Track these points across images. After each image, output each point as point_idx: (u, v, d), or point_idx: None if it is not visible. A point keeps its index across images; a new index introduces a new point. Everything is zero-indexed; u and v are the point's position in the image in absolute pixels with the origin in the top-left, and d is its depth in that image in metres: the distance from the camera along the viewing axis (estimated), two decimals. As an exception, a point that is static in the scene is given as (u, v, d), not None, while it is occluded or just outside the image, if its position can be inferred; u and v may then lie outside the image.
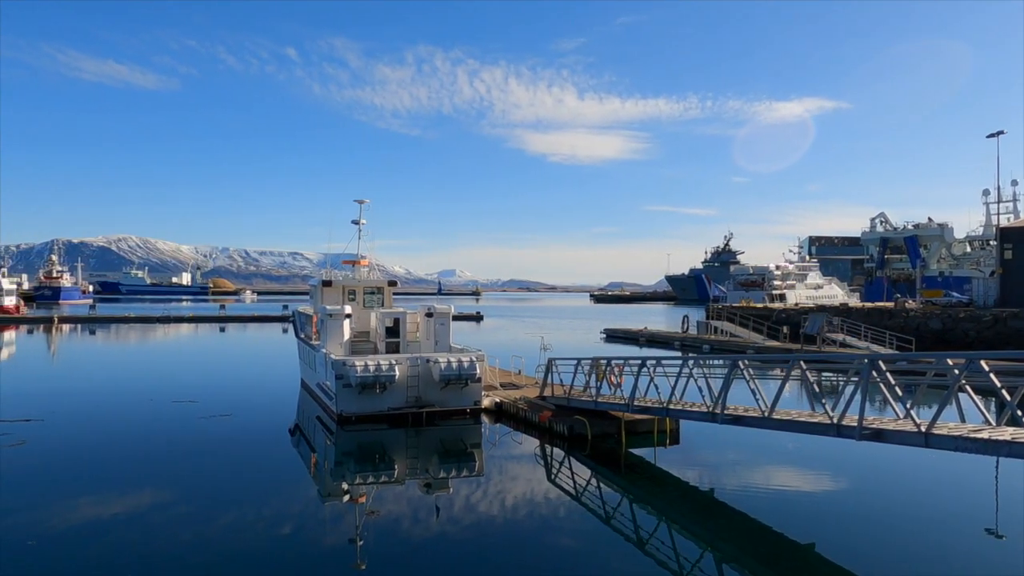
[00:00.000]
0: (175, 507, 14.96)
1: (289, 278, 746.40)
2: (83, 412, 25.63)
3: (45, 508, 14.58)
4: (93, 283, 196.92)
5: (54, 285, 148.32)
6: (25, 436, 20.83)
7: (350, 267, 31.59)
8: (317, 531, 13.67)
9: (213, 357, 49.41)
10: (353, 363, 22.43)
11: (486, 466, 18.94)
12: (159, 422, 23.80)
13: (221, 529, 13.52)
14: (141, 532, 13.20)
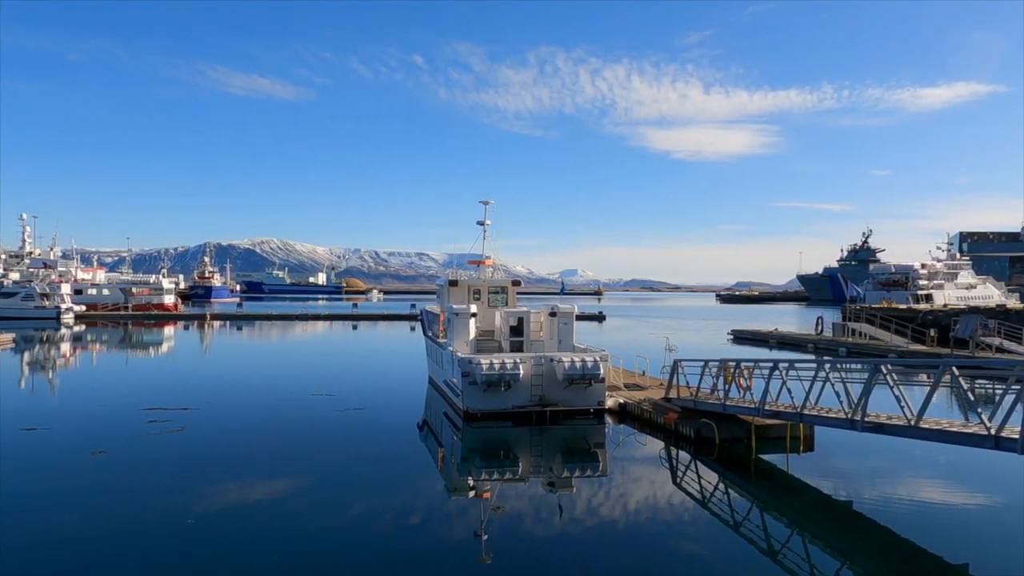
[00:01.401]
0: (312, 494, 15.85)
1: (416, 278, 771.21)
2: (233, 402, 27.64)
3: (200, 490, 15.84)
4: (240, 283, 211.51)
5: (206, 285, 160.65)
6: (184, 423, 22.71)
7: (475, 267, 32.26)
8: (443, 524, 14.07)
9: (347, 353, 51.88)
10: (479, 361, 22.90)
11: (610, 467, 18.83)
12: (299, 414, 25.26)
13: (354, 518, 14.18)
14: (282, 517, 14.07)
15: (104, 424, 22.89)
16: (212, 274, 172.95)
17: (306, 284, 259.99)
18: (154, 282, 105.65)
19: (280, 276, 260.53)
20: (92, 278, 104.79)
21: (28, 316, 77.39)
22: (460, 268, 33.75)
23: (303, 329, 74.17)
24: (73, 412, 25.83)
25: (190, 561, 11.79)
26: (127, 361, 46.49)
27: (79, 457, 18.44)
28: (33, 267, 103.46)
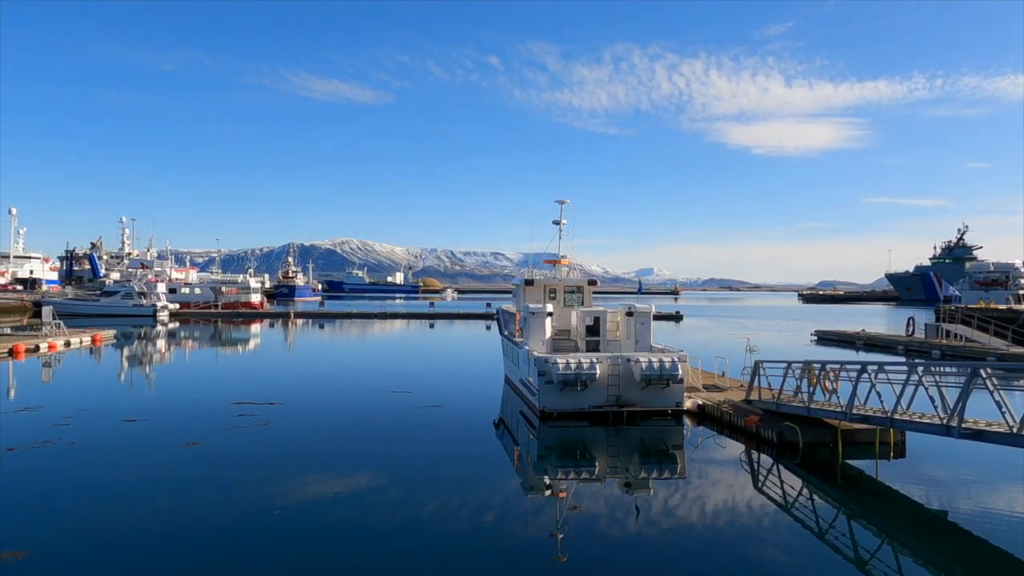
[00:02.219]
0: (390, 490, 16.18)
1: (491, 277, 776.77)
2: (316, 398, 28.51)
3: (286, 482, 16.41)
4: (321, 282, 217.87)
5: (290, 284, 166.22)
6: (270, 417, 23.58)
7: (551, 266, 32.28)
8: (519, 522, 14.13)
9: (424, 351, 52.73)
10: (555, 360, 22.90)
11: (688, 469, 18.52)
12: (379, 410, 25.86)
13: (430, 514, 14.40)
14: (361, 512, 14.43)
15: (197, 417, 23.99)
16: (296, 274, 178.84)
17: (384, 283, 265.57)
18: (242, 281, 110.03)
19: (359, 276, 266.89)
20: (185, 278, 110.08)
21: (127, 313, 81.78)
22: (536, 267, 33.82)
23: (382, 327, 75.81)
24: (168, 405, 27.18)
25: (278, 551, 12.24)
26: (217, 357, 48.57)
27: (174, 448, 19.40)
28: (132, 267, 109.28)
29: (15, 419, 23.20)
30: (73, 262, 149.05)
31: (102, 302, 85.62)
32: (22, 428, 21.53)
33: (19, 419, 23.14)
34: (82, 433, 20.98)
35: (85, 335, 49.53)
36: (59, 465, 17.60)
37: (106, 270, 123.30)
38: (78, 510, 14.19)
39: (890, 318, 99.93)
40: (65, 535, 12.77)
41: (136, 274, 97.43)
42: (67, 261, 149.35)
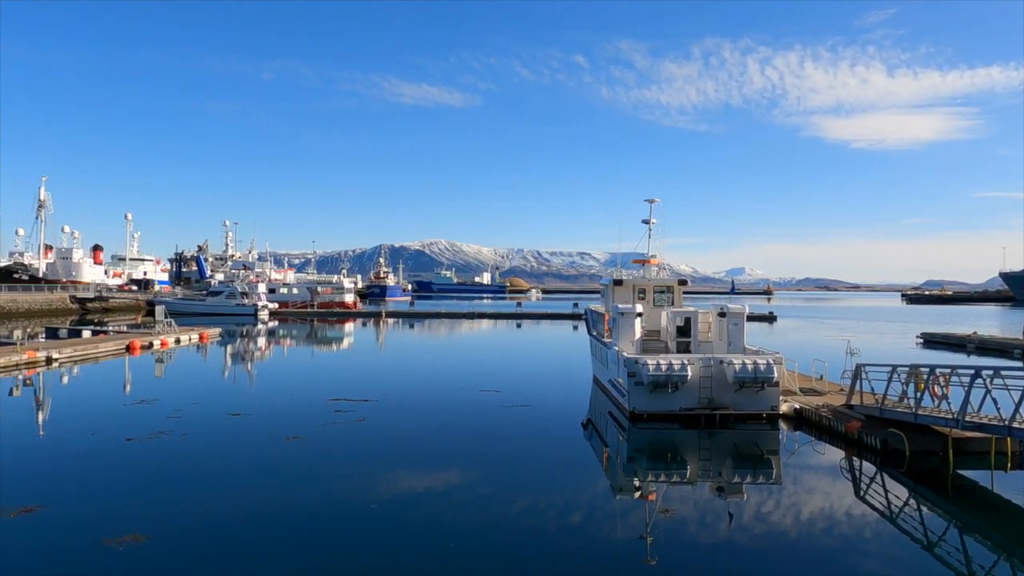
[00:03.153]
0: (479, 487, 16.39)
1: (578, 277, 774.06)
2: (408, 395, 29.18)
3: (380, 477, 16.89)
4: (411, 282, 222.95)
5: (381, 284, 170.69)
6: (365, 414, 24.29)
7: (640, 266, 31.91)
8: (607, 524, 14.04)
9: (512, 351, 53.10)
10: (645, 361, 22.63)
11: (784, 475, 17.94)
12: (468, 408, 26.22)
13: (518, 512, 14.50)
14: (451, 507, 14.69)
15: (296, 412, 24.97)
16: (387, 274, 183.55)
17: (472, 283, 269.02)
18: (336, 282, 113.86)
19: (448, 276, 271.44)
20: (283, 278, 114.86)
21: (231, 312, 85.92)
22: (624, 267, 33.50)
23: (469, 327, 76.79)
24: (269, 400, 28.41)
25: (375, 544, 12.62)
26: (312, 354, 50.40)
27: (276, 441, 20.27)
28: (235, 268, 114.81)
29: (133, 411, 24.79)
30: (182, 264, 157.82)
31: (208, 302, 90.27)
32: (139, 420, 22.98)
33: (136, 411, 24.70)
34: (192, 425, 22.21)
35: (193, 333, 52.35)
36: (172, 455, 18.69)
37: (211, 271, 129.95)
38: (190, 498, 15.04)
39: (1005, 320, 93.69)
40: (179, 521, 13.55)
41: (239, 275, 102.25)
42: (176, 263, 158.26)
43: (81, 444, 19.72)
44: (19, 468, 17.49)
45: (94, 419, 23.32)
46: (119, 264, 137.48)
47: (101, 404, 26.77)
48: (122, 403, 26.89)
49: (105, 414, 24.44)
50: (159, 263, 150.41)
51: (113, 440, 20.11)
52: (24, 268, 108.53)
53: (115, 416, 24.08)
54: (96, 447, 19.40)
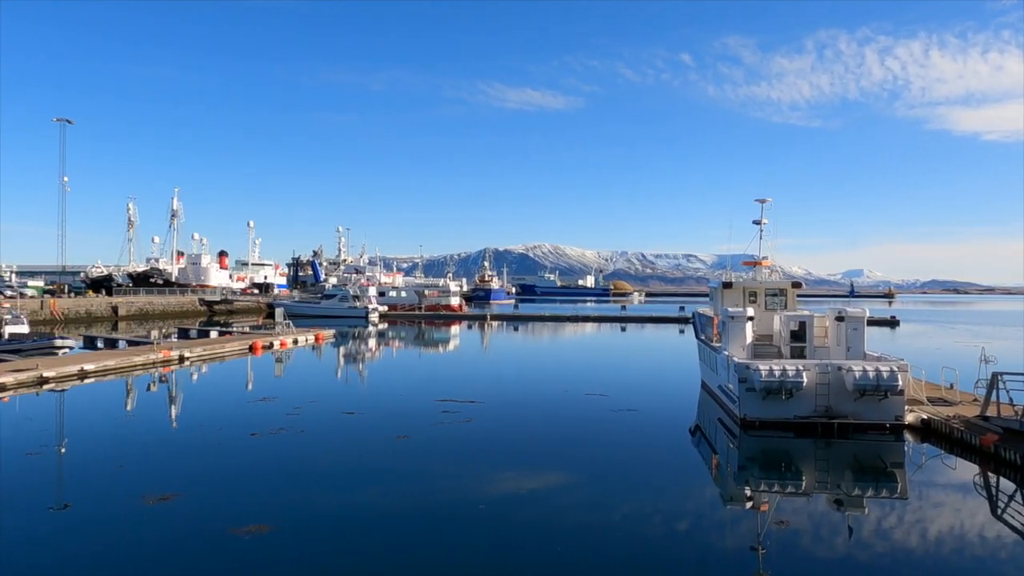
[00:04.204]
0: (582, 490, 16.33)
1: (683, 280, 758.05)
2: (513, 397, 29.45)
3: (487, 477, 17.14)
4: (515, 285, 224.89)
5: (486, 287, 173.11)
6: (472, 415, 24.69)
7: (750, 268, 30.92)
8: (717, 533, 13.69)
9: (617, 354, 52.62)
10: (757, 367, 21.89)
11: (909, 489, 16.89)
12: (574, 411, 26.17)
13: (622, 517, 14.35)
14: (557, 509, 14.72)
15: (405, 412, 25.69)
16: (491, 278, 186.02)
17: (575, 287, 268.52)
18: (442, 285, 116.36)
19: (551, 279, 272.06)
20: (392, 282, 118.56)
21: (344, 315, 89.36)
22: (733, 270, 32.57)
23: (573, 330, 76.65)
24: (380, 399, 29.38)
25: (482, 543, 12.83)
26: (420, 356, 51.71)
27: (387, 440, 20.93)
28: (347, 272, 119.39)
29: (255, 408, 26.23)
30: (298, 268, 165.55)
31: (323, 304, 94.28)
32: (261, 416, 24.29)
33: (258, 408, 26.13)
34: (310, 422, 23.26)
35: (309, 334, 54.83)
36: (292, 450, 19.65)
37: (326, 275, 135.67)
38: (308, 492, 15.76)
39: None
40: (298, 513, 14.24)
41: (351, 279, 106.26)
42: (293, 267, 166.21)
43: (210, 437, 21.05)
44: (157, 458, 18.88)
45: (221, 415, 24.84)
46: (242, 269, 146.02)
47: (227, 400, 28.49)
48: (246, 400, 28.53)
49: (231, 410, 25.98)
50: (278, 268, 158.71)
51: (239, 435, 21.36)
52: (159, 273, 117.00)
53: (240, 412, 25.56)
54: (223, 441, 20.66)
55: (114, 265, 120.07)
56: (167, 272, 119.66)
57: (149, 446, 20.45)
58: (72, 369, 32.02)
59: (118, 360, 35.40)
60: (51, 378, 30.26)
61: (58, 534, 13.14)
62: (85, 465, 18.33)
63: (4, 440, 20.55)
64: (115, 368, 34.44)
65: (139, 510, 14.25)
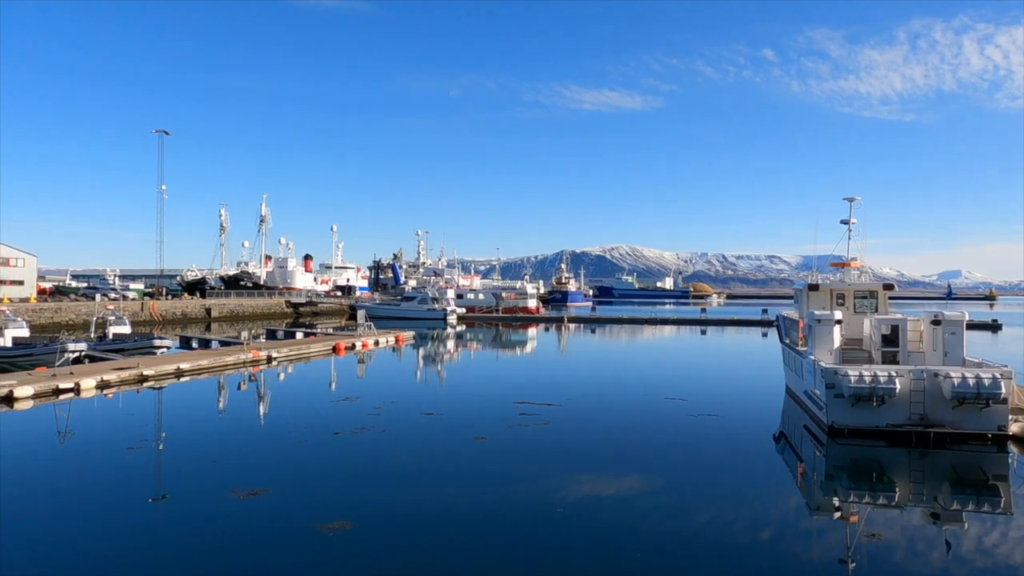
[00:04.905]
0: (663, 496, 16.08)
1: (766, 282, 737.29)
2: (590, 400, 29.29)
3: (565, 479, 17.08)
4: (592, 287, 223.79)
5: (563, 289, 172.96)
6: (549, 417, 24.69)
7: (837, 270, 29.79)
8: (802, 543, 13.23)
9: (697, 358, 51.64)
10: (846, 372, 21.06)
11: (1014, 504, 15.90)
12: (652, 415, 25.82)
13: (702, 524, 14.06)
14: (635, 514, 14.54)
15: (483, 413, 25.91)
16: (568, 280, 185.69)
17: (653, 289, 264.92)
18: (519, 287, 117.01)
19: (629, 281, 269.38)
20: (470, 284, 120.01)
21: (423, 317, 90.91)
22: (820, 271, 31.47)
23: (652, 332, 75.66)
24: (459, 400, 29.73)
25: (559, 546, 12.80)
26: (497, 357, 52.04)
27: (466, 441, 21.16)
28: (426, 275, 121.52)
29: (338, 407, 26.98)
30: (379, 271, 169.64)
31: (402, 306, 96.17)
32: (344, 415, 24.97)
33: (341, 407, 26.86)
34: (391, 422, 23.76)
35: (390, 335, 56.01)
36: (374, 449, 20.12)
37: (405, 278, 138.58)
38: (390, 490, 16.10)
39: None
40: (381, 511, 14.56)
41: (430, 281, 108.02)
42: (374, 270, 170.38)
43: (297, 435, 21.78)
44: (247, 454, 19.67)
45: (307, 413, 25.65)
46: (326, 272, 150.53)
47: (312, 400, 29.40)
48: (329, 399, 29.39)
49: (315, 409, 26.80)
50: (360, 270, 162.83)
51: (323, 433, 22.01)
52: (248, 276, 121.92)
53: (324, 411, 26.34)
54: (309, 439, 21.33)
55: (207, 268, 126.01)
56: (256, 275, 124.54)
57: (239, 442, 21.34)
58: (169, 368, 33.71)
59: (211, 360, 37.05)
60: (150, 376, 31.94)
61: (156, 524, 13.84)
62: (181, 459, 19.27)
63: (108, 434, 21.82)
64: (208, 367, 36.06)
65: (230, 504, 14.87)
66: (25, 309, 63.43)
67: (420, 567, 11.87)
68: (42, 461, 18.93)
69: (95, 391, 28.54)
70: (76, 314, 69.14)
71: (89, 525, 13.84)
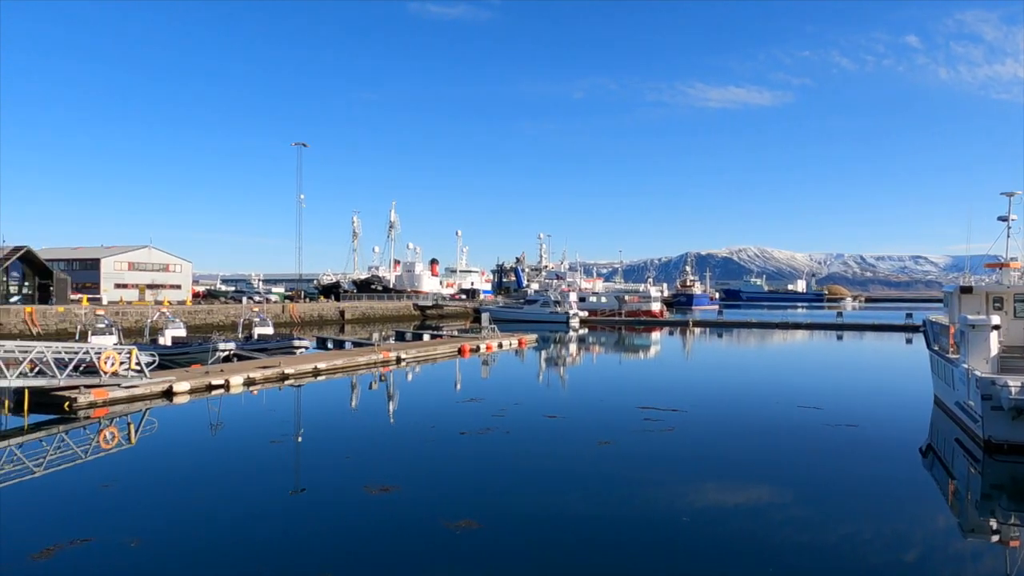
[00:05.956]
0: (794, 509, 15.35)
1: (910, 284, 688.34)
2: (718, 407, 28.42)
3: (690, 488, 16.70)
4: (718, 290, 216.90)
5: (688, 292, 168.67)
6: (674, 424, 24.17)
7: (993, 270, 27.39)
8: (952, 567, 12.38)
9: (833, 365, 48.96)
10: (1005, 383, 19.30)
11: None
12: (784, 424, 24.70)
13: (839, 540, 13.35)
14: (764, 526, 13.98)
15: (606, 417, 25.73)
16: (693, 282, 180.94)
17: (784, 291, 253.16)
18: (643, 290, 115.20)
19: (758, 283, 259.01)
20: (592, 287, 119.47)
21: (546, 320, 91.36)
22: (973, 273, 29.06)
23: (783, 337, 72.47)
24: (581, 404, 29.68)
25: (683, 556, 12.52)
26: (620, 361, 51.52)
27: (589, 445, 21.08)
28: (548, 278, 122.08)
29: (464, 408, 27.62)
30: (502, 275, 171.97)
31: (525, 310, 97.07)
32: (469, 416, 25.53)
33: (467, 408, 27.48)
34: (514, 424, 24.05)
35: (513, 338, 56.70)
36: (499, 450, 20.46)
37: (528, 281, 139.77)
38: (514, 491, 16.31)
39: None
40: (506, 512, 14.78)
41: (552, 284, 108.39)
42: (497, 274, 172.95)
43: (424, 434, 22.48)
44: (378, 451, 20.52)
45: (433, 413, 26.42)
46: (451, 275, 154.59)
47: (438, 400, 30.26)
48: (455, 400, 30.13)
49: (442, 409, 27.56)
50: (483, 274, 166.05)
51: (449, 433, 22.59)
52: (379, 280, 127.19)
53: (450, 411, 27.03)
54: (436, 438, 21.96)
55: (341, 273, 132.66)
56: (385, 279, 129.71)
57: (371, 439, 22.28)
58: (308, 367, 35.69)
59: (345, 360, 38.91)
60: (291, 375, 33.93)
61: (296, 514, 14.70)
62: (318, 454, 20.37)
63: (254, 428, 23.39)
64: (342, 367, 37.88)
65: (364, 498, 15.56)
66: (182, 311, 69.10)
67: (546, 570, 11.92)
68: (197, 450, 20.56)
69: (242, 387, 30.66)
70: (225, 316, 74.58)
71: (236, 511, 14.88)
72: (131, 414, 25.00)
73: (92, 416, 24.42)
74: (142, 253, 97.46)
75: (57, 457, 19.06)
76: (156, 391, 27.83)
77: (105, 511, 14.96)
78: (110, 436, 21.97)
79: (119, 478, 17.32)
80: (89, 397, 25.42)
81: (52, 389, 25.42)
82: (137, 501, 15.55)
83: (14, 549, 12.48)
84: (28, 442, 20.95)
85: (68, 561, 11.99)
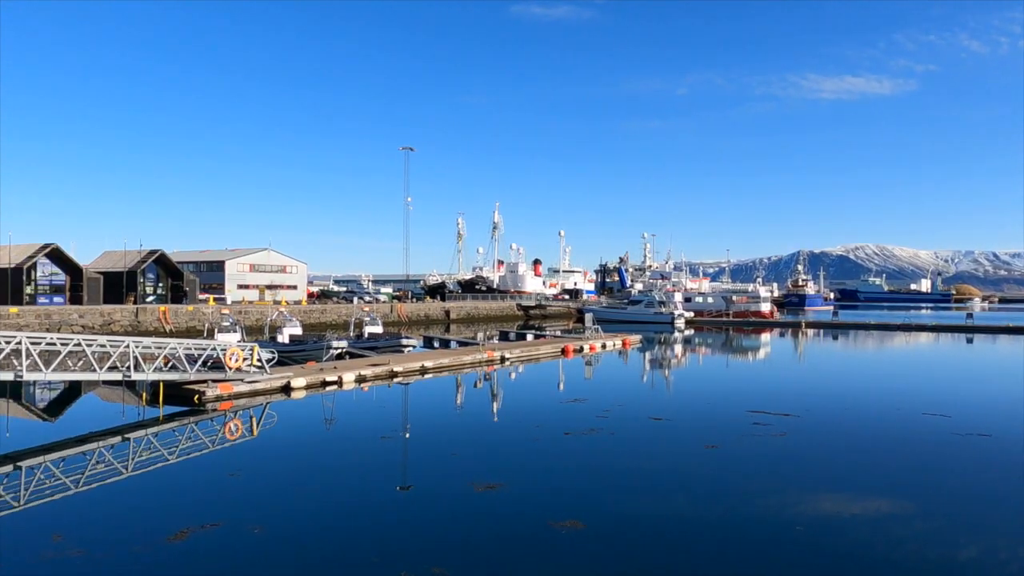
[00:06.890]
0: (915, 522, 14.48)
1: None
2: (833, 412, 27.14)
3: (802, 496, 16.04)
4: (833, 290, 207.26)
5: (800, 292, 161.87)
6: (786, 429, 23.29)
7: None
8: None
9: (962, 369, 45.79)
10: None
11: None
12: (906, 432, 23.33)
13: (969, 559, 12.52)
14: (885, 540, 13.21)
15: (714, 420, 25.11)
16: (805, 282, 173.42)
17: (906, 291, 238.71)
18: (751, 290, 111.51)
19: (877, 283, 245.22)
20: (698, 287, 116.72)
21: (650, 320, 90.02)
22: None
23: (905, 340, 68.36)
24: (687, 406, 29.10)
25: (797, 568, 12.06)
26: (728, 364, 50.09)
27: (695, 448, 20.65)
28: (652, 278, 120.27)
29: (568, 407, 27.64)
30: (605, 275, 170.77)
31: (629, 310, 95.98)
32: (573, 416, 25.53)
33: (570, 408, 27.49)
34: (619, 425, 23.87)
35: (616, 339, 56.20)
36: (604, 451, 20.36)
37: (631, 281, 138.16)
38: (620, 493, 16.21)
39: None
40: (611, 513, 14.71)
41: (656, 284, 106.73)
42: (600, 274, 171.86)
43: (529, 433, 22.66)
44: (483, 449, 20.88)
45: (538, 412, 26.58)
46: (554, 276, 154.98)
47: (542, 399, 30.41)
48: (559, 400, 30.20)
49: (546, 408, 27.68)
50: (586, 274, 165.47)
51: (553, 432, 22.67)
52: (482, 280, 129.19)
53: (554, 411, 27.12)
54: (541, 437, 22.09)
55: (446, 273, 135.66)
56: (489, 279, 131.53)
57: (476, 437, 22.68)
58: (415, 365, 36.69)
59: (451, 359, 39.75)
60: (399, 372, 34.97)
61: (405, 508, 15.17)
62: (425, 450, 20.93)
63: (365, 424, 24.29)
64: (448, 366, 38.71)
65: (470, 495, 15.85)
66: (298, 310, 72.59)
67: (651, 573, 11.78)
68: (313, 444, 21.55)
69: (354, 384, 31.88)
70: (338, 315, 77.76)
71: (349, 503, 15.51)
72: (253, 407, 26.50)
73: (219, 408, 26.05)
74: (262, 255, 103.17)
75: (189, 446, 20.48)
76: (275, 386, 29.36)
77: (231, 499, 15.95)
78: (234, 428, 23.38)
79: (243, 468, 18.41)
80: (216, 391, 27.13)
81: (183, 383, 27.30)
82: (259, 490, 16.49)
83: (154, 530, 13.49)
84: (163, 431, 22.61)
85: (199, 544, 12.85)
